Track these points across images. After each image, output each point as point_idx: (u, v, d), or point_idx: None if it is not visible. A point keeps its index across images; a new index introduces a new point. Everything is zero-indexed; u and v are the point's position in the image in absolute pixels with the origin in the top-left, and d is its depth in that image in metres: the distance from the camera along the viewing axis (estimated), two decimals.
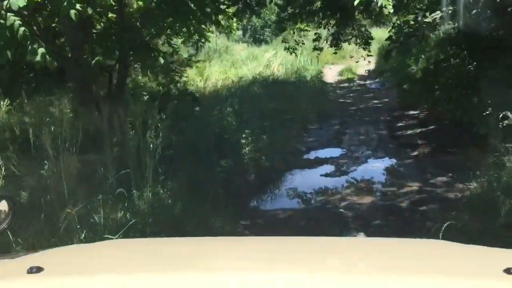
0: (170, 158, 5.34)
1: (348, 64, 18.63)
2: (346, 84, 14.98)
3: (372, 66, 18.81)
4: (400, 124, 9.30)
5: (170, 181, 4.80)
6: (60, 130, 5.41)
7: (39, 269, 1.16)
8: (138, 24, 5.84)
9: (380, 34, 15.58)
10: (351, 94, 13.19)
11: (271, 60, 13.54)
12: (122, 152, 4.87)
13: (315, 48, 9.38)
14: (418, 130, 8.57)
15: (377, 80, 15.78)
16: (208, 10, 7.56)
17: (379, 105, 11.39)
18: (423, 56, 13.81)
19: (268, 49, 17.96)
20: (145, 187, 4.37)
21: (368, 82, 15.54)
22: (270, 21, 30.14)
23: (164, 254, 1.49)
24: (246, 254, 1.46)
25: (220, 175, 5.44)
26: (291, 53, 9.51)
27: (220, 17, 13.49)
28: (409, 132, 8.71)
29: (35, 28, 4.45)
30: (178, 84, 8.19)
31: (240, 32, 27.79)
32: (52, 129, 5.27)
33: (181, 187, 4.89)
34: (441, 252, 1.54)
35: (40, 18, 5.13)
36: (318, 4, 10.38)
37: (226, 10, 8.87)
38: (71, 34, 5.13)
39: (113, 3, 5.17)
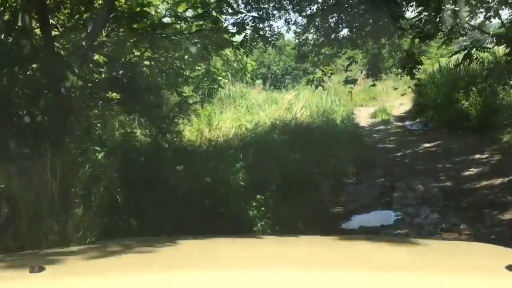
0: None
1: (381, 105, 16.61)
2: (382, 127, 12.79)
3: (407, 106, 16.77)
4: (467, 173, 6.99)
5: None
6: None
7: (40, 269, 1.17)
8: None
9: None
10: (391, 138, 10.97)
11: (293, 102, 11.55)
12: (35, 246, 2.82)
13: (347, 82, 7.36)
14: (499, 181, 6.25)
15: (417, 120, 13.59)
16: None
17: (431, 149, 9.12)
18: (474, 89, 11.64)
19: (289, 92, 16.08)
20: None
21: (407, 123, 13.34)
22: (291, 68, 28.92)
23: (165, 254, 1.51)
24: (249, 254, 1.48)
25: None
26: (316, 87, 7.50)
27: (229, 52, 11.78)
28: (484, 183, 6.39)
29: None
30: (169, 135, 6.20)
31: (260, 81, 26.74)
32: None
33: None
34: (444, 249, 1.62)
35: None
36: (346, 31, 8.45)
37: (231, 38, 6.99)
38: None
39: None
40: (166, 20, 7.57)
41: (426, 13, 9.17)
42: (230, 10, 6.57)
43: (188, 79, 10.84)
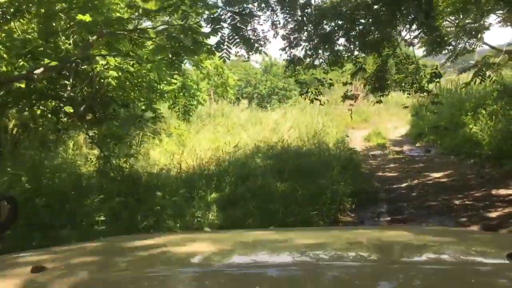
0: None
1: (374, 127, 15.33)
2: (378, 152, 11.46)
3: (402, 128, 15.55)
4: (496, 214, 5.62)
5: None
6: None
7: (42, 268, 1.15)
8: None
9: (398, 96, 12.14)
10: (390, 165, 9.61)
11: (279, 122, 10.18)
12: None
13: (346, 97, 6.02)
14: None
15: (417, 145, 12.30)
16: None
17: (441, 180, 7.75)
18: (483, 112, 10.42)
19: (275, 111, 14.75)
20: None
21: (406, 148, 12.02)
22: (278, 88, 27.79)
23: (166, 250, 1.47)
24: (247, 246, 1.48)
25: None
26: (310, 100, 6.15)
27: (209, 65, 10.41)
28: None
29: None
30: (118, 160, 4.75)
31: (245, 100, 25.62)
32: None
33: None
34: (445, 237, 1.54)
35: None
36: (342, 40, 7.14)
37: (205, 40, 5.61)
38: None
39: None
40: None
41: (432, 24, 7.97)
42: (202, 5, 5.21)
43: (163, 93, 9.45)
